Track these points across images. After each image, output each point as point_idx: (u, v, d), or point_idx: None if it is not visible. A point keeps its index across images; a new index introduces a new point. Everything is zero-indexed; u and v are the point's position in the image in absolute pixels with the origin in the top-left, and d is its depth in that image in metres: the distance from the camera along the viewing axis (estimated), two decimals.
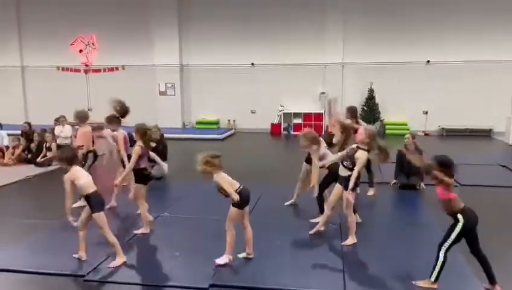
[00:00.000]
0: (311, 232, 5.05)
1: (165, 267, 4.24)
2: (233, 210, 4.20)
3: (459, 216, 3.74)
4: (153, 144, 7.96)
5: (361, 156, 4.59)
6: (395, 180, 7.42)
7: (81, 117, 6.61)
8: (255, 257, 4.40)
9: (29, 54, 17.00)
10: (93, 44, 16.48)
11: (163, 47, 15.76)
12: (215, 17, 15.56)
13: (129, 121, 6.35)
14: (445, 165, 3.74)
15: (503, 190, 7.29)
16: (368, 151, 4.61)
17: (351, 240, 4.79)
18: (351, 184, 4.57)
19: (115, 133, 5.89)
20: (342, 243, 4.77)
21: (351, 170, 4.63)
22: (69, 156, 4.27)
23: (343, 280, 3.93)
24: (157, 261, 4.37)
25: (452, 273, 4.09)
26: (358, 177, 4.63)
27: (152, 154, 5.69)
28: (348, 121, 5.96)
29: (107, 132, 6.07)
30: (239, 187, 4.18)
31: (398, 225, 5.57)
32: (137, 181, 5.10)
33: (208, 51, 15.70)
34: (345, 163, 4.76)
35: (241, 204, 4.14)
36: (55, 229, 5.32)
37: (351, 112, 6.54)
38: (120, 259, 4.27)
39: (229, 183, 4.13)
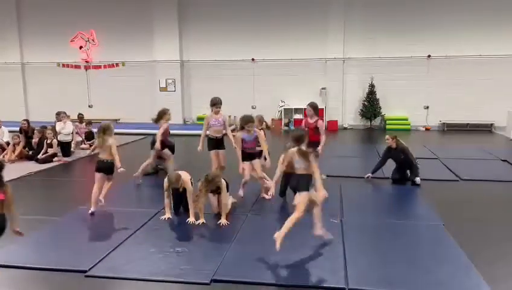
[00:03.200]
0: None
1: (167, 262, 4.24)
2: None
3: None
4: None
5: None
6: (369, 174, 7.45)
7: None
8: (257, 253, 4.40)
9: (29, 50, 16.99)
10: (93, 40, 16.47)
11: (163, 43, 15.74)
12: (216, 12, 15.52)
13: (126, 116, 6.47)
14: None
15: (505, 185, 7.28)
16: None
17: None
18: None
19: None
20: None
21: None
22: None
23: (345, 275, 3.93)
24: (159, 256, 4.37)
25: (450, 265, 4.10)
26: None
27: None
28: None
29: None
30: None
31: (396, 219, 5.55)
32: None
33: (208, 46, 15.68)
34: None
35: None
36: (57, 226, 5.34)
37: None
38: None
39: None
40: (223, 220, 5.24)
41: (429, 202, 6.16)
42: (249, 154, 6.08)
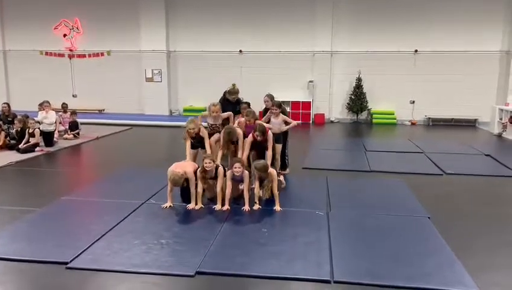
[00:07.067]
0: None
1: (151, 255, 4.18)
2: None
3: None
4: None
5: None
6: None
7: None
8: (243, 245, 4.37)
9: (11, 38, 16.56)
10: (77, 28, 16.13)
11: (150, 32, 15.49)
12: (203, 3, 15.33)
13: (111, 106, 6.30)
14: None
15: (488, 179, 7.37)
16: None
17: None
18: None
19: None
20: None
21: None
22: None
23: (331, 268, 3.92)
24: (143, 248, 4.30)
25: (435, 257, 4.13)
26: None
27: None
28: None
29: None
30: None
31: (382, 212, 5.56)
32: None
33: (195, 37, 15.49)
34: None
35: None
36: (38, 216, 5.21)
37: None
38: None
39: None
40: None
41: (414, 195, 6.19)
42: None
